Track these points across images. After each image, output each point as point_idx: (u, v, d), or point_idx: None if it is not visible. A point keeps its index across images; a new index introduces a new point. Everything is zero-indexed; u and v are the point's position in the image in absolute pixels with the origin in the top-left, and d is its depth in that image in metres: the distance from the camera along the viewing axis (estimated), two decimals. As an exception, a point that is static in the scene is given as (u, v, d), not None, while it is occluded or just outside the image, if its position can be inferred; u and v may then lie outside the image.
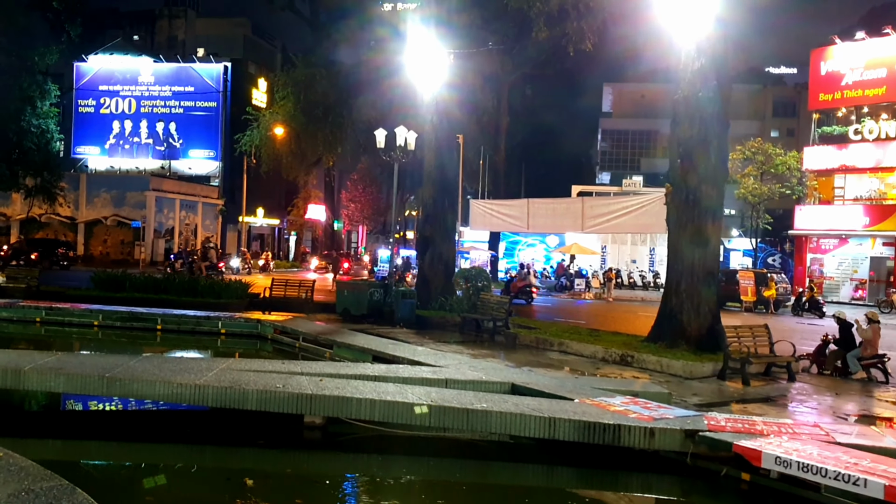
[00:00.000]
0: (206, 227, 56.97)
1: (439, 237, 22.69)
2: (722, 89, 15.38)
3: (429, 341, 16.85)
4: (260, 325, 17.94)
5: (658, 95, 69.87)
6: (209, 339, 17.94)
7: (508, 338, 17.83)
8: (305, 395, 9.05)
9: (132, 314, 18.60)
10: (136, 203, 49.63)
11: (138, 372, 9.69)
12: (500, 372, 11.70)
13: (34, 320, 18.84)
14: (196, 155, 58.43)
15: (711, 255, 15.51)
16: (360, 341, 14.97)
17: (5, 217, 50.24)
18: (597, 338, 16.94)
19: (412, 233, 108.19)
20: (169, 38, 65.79)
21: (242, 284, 23.65)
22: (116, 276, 23.98)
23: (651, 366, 14.19)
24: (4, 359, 10.10)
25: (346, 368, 11.04)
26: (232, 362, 10.98)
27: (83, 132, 58.91)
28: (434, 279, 22.56)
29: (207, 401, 9.16)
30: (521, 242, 46.50)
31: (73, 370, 9.58)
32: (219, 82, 58.29)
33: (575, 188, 52.74)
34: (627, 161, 70.81)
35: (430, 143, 22.57)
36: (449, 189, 23.02)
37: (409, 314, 20.03)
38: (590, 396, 9.88)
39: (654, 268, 45.88)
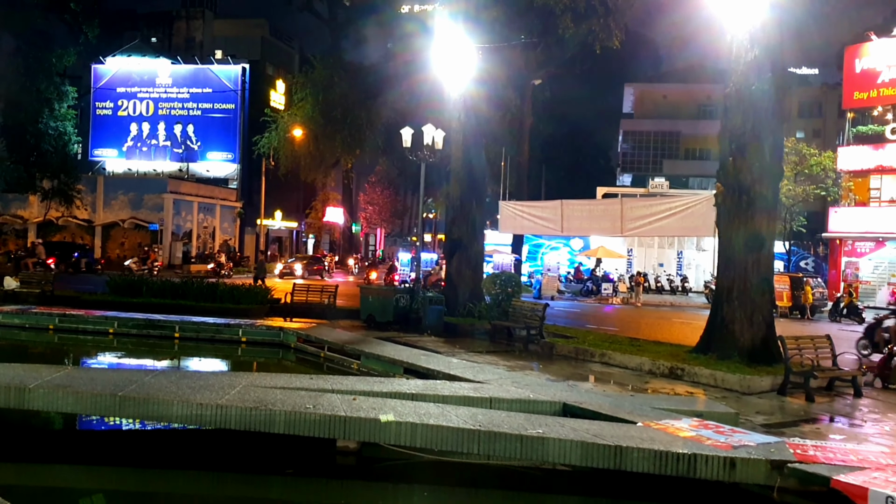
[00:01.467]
0: (224, 230, 56.33)
1: (467, 240, 21.71)
2: (777, 81, 14.34)
3: (460, 351, 15.91)
4: (282, 334, 17.04)
5: (680, 96, 68.80)
6: (229, 348, 17.06)
7: (544, 347, 16.84)
8: (338, 417, 8.12)
9: (149, 321, 17.76)
10: (154, 206, 49.01)
11: (154, 390, 8.80)
12: (547, 389, 10.71)
13: (47, 327, 18.04)
14: (214, 157, 57.82)
15: (766, 260, 14.46)
16: (390, 352, 14.02)
17: (22, 220, 49.78)
18: (639, 348, 15.92)
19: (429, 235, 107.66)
20: (187, 39, 65.32)
21: (263, 290, 22.82)
22: (133, 281, 23.23)
23: (704, 380, 13.16)
24: (8, 374, 9.25)
25: (379, 385, 10.10)
26: (255, 377, 10.07)
27: (101, 134, 58.46)
28: (461, 284, 21.58)
29: (230, 423, 8.25)
30: (544, 245, 45.48)
31: (82, 388, 8.70)
32: (237, 84, 57.66)
33: (600, 190, 51.67)
34: (649, 163, 69.56)
35: (458, 141, 21.62)
36: (477, 190, 22.05)
37: (437, 321, 19.11)
38: (652, 418, 8.88)
39: (682, 272, 44.75)
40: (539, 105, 55.37)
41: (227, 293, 22.40)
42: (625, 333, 20.09)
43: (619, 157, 74.53)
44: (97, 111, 58.54)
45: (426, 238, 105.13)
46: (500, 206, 21.81)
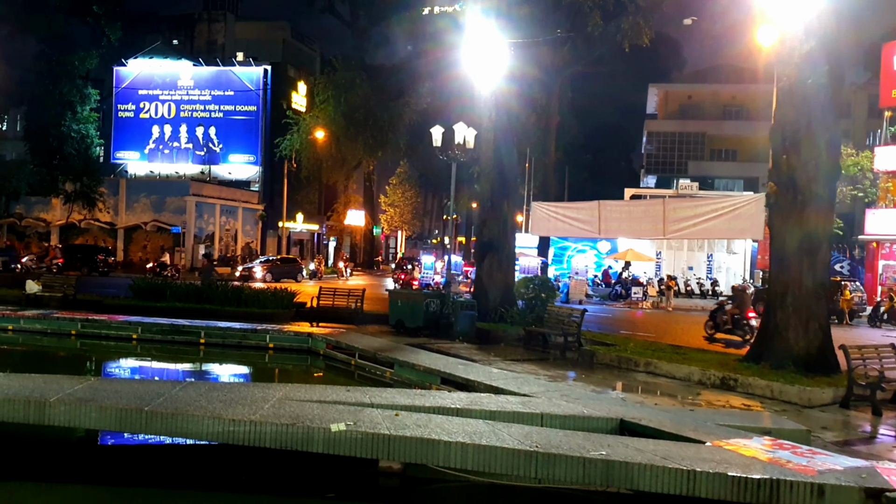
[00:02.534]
0: (246, 233, 56.01)
1: (498, 242, 21.05)
2: (834, 74, 13.54)
3: (495, 359, 15.23)
4: (311, 340, 16.43)
5: (705, 96, 67.75)
6: (256, 355, 16.48)
7: (583, 355, 16.12)
8: (381, 435, 7.46)
9: (173, 326, 17.23)
10: (176, 208, 48.75)
11: (183, 404, 8.20)
12: (599, 403, 10.01)
13: (69, 333, 17.56)
14: (236, 159, 57.54)
15: (821, 264, 13.66)
16: (425, 360, 13.36)
17: (45, 223, 49.70)
18: (685, 356, 15.16)
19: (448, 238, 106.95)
20: (208, 42, 65.15)
21: (288, 294, 22.25)
22: (156, 285, 22.77)
23: (759, 391, 12.39)
24: (28, 386, 8.69)
25: (421, 398, 9.44)
26: (289, 390, 9.44)
27: (123, 137, 58.35)
28: (492, 288, 20.92)
29: (265, 441, 7.63)
30: (570, 248, 44.66)
31: (106, 401, 8.12)
32: (258, 86, 57.37)
33: (628, 191, 50.80)
34: (674, 164, 68.50)
35: (488, 139, 20.96)
36: (508, 190, 21.39)
37: (469, 327, 18.44)
38: (720, 437, 8.15)
39: (712, 275, 43.76)
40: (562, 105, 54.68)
41: (251, 297, 21.87)
42: (661, 339, 19.33)
43: (644, 159, 73.56)
44: (119, 114, 58.45)
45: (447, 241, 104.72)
46: (532, 207, 21.13)
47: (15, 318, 18.02)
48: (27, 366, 15.58)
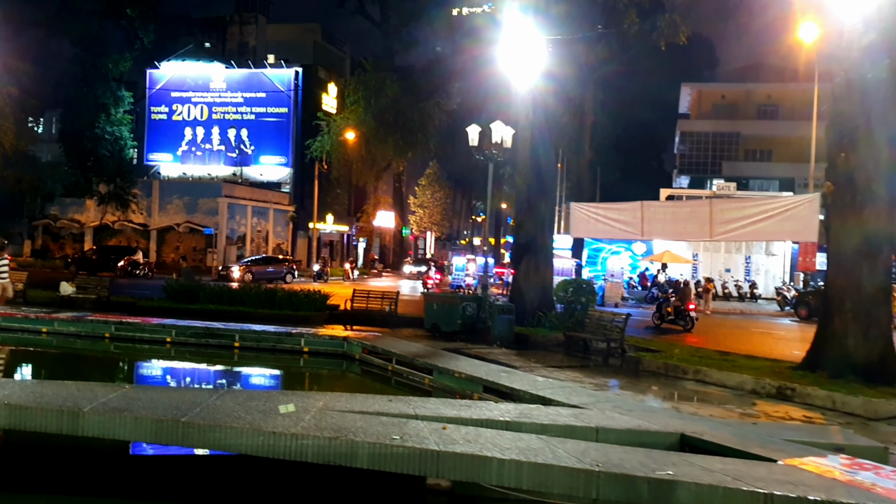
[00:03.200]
0: (277, 234, 56.00)
1: (535, 244, 20.55)
2: (895, 67, 12.87)
3: (536, 365, 14.74)
4: (346, 344, 16.05)
5: (739, 96, 66.56)
6: (291, 359, 16.14)
7: (628, 362, 15.58)
8: (430, 451, 7.02)
9: (207, 330, 16.95)
10: (209, 210, 48.83)
11: (221, 414, 7.82)
12: (655, 415, 9.48)
13: (103, 336, 17.36)
14: (267, 161, 57.58)
15: (883, 268, 12.98)
16: (465, 367, 12.90)
17: (79, 224, 50.06)
18: (734, 364, 14.55)
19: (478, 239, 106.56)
20: (240, 44, 65.29)
21: (322, 296, 21.94)
22: (190, 287, 22.58)
23: (819, 402, 11.76)
24: (62, 394, 8.37)
25: (467, 410, 8.98)
26: (330, 399, 9.04)
27: (156, 139, 58.67)
28: (529, 292, 20.42)
29: (307, 455, 7.22)
30: (604, 249, 43.96)
31: (142, 412, 7.77)
32: (289, 88, 57.39)
33: (663, 192, 49.97)
34: (708, 165, 67.41)
35: (525, 138, 20.49)
36: (545, 190, 20.89)
37: (507, 332, 17.95)
38: (791, 454, 7.60)
39: (750, 277, 42.81)
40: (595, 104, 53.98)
41: (285, 299, 21.61)
42: (704, 345, 18.71)
43: (676, 159, 72.48)
44: (152, 116, 58.78)
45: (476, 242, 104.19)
46: (571, 209, 20.59)
47: (49, 320, 17.87)
48: (61, 370, 15.49)
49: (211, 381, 14.61)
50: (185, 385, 14.05)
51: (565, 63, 22.84)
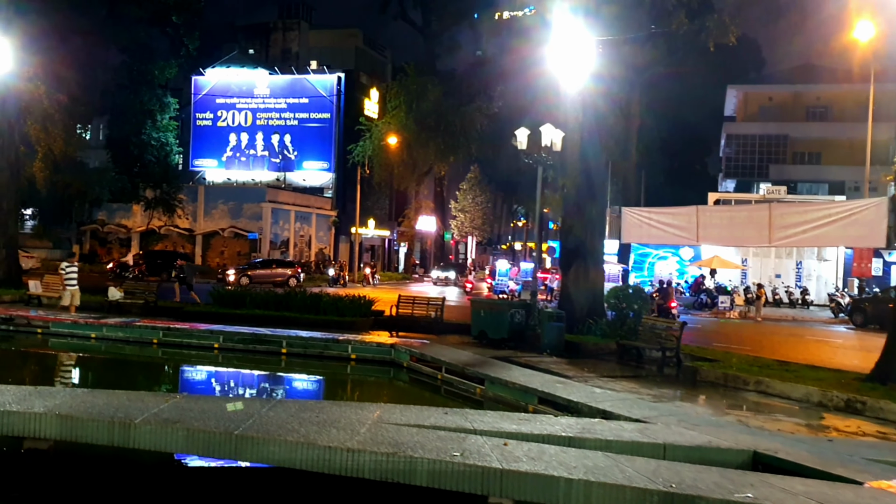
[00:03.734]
0: (319, 239, 56.23)
1: (584, 250, 20.09)
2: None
3: (590, 375, 14.30)
4: (394, 351, 15.79)
5: (787, 98, 65.03)
6: (338, 366, 15.93)
7: (684, 372, 15.06)
8: (493, 469, 6.69)
9: (255, 336, 16.85)
10: (253, 215, 49.18)
11: (274, 427, 7.59)
12: (723, 431, 9.03)
13: (151, 341, 17.36)
14: (310, 166, 57.89)
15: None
16: (519, 377, 12.54)
17: (126, 229, 50.77)
18: (797, 375, 13.95)
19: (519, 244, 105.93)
20: (283, 50, 65.86)
21: (367, 301, 21.75)
22: (235, 292, 22.59)
23: (893, 416, 11.15)
24: (112, 404, 8.21)
25: (527, 424, 8.63)
26: (384, 411, 8.76)
27: (201, 145, 59.38)
28: (579, 298, 19.95)
29: (363, 471, 6.94)
30: (651, 255, 43.21)
31: (194, 423, 7.57)
32: (332, 93, 57.66)
33: (711, 196, 48.92)
34: (754, 168, 65.99)
35: (573, 141, 20.06)
36: (595, 194, 20.43)
37: (557, 340, 17.49)
38: (876, 475, 7.12)
39: (801, 283, 41.68)
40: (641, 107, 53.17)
41: (330, 305, 21.47)
42: (760, 353, 18.08)
43: (722, 162, 71.18)
44: (197, 122, 59.50)
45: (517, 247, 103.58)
46: (622, 213, 20.10)
47: (98, 325, 17.94)
48: (110, 376, 15.48)
49: (261, 390, 14.44)
50: (235, 394, 13.89)
51: (614, 65, 22.39)
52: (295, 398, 13.43)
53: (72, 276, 20.00)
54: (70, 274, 19.99)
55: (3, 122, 25.77)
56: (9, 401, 8.07)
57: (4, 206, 25.96)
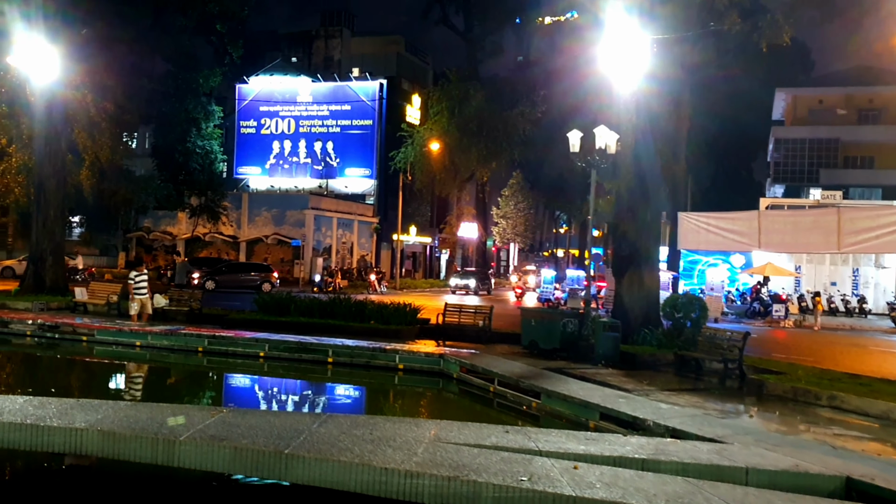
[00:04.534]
0: (361, 246, 56.06)
1: (639, 256, 19.35)
2: None
3: (650, 388, 13.61)
4: (443, 361, 15.28)
5: (838, 101, 63.14)
6: (385, 376, 15.48)
7: (749, 385, 14.29)
8: (565, 497, 6.12)
9: (301, 344, 16.47)
10: (296, 221, 49.17)
11: (326, 445, 7.12)
12: (808, 452, 8.31)
13: (196, 349, 17.10)
14: (352, 173, 57.82)
15: None
16: (578, 391, 11.92)
17: (172, 236, 51.12)
18: (871, 388, 13.11)
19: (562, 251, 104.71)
20: (325, 58, 65.99)
21: (412, 309, 21.27)
22: (281, 299, 22.27)
23: None
24: (157, 418, 7.82)
25: (595, 444, 8.03)
26: (441, 428, 8.23)
27: (244, 152, 59.70)
28: (633, 307, 19.21)
29: (423, 496, 6.43)
30: (701, 262, 42.09)
31: (241, 440, 7.13)
32: (374, 100, 57.51)
33: (763, 201, 47.61)
34: (804, 172, 64.22)
35: (627, 143, 19.38)
36: (650, 200, 19.70)
37: (612, 350, 16.82)
38: None
39: (858, 291, 40.16)
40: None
41: (375, 312, 21.03)
42: (823, 364, 17.18)
43: (771, 167, 69.52)
44: (241, 130, 59.84)
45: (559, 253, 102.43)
46: (679, 219, 19.34)
47: (143, 333, 17.76)
48: (154, 386, 15.21)
49: (308, 402, 14.03)
50: (283, 406, 13.48)
51: (668, 65, 21.70)
52: (344, 411, 12.99)
53: (141, 285, 19.84)
54: (139, 283, 19.83)
55: (50, 130, 25.88)
56: (51, 414, 7.73)
57: (51, 213, 26.05)
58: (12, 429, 7.26)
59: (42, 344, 18.61)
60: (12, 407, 7.93)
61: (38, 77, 24.52)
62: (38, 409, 7.92)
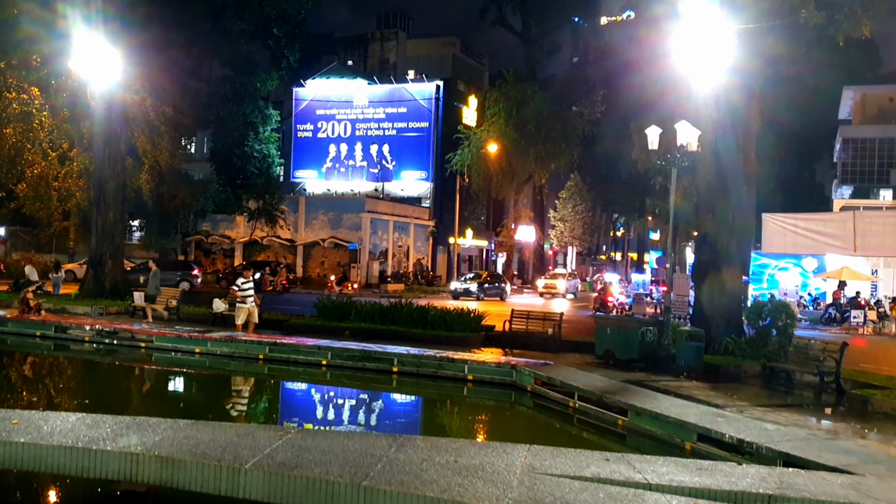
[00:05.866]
0: (417, 249, 55.44)
1: (720, 260, 18.16)
2: None
3: (742, 403, 12.47)
4: (516, 373, 14.35)
5: (911, 98, 60.43)
6: (454, 387, 14.63)
7: (849, 401, 13.06)
8: (694, 545, 5.17)
9: (365, 353, 15.73)
10: (352, 225, 48.79)
11: (408, 476, 6.29)
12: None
13: (256, 357, 16.50)
14: (408, 176, 57.27)
15: None
16: (670, 408, 10.88)
17: (230, 240, 51.25)
18: None
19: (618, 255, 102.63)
20: (381, 60, 65.72)
21: (476, 316, 20.39)
22: (341, 304, 21.61)
23: None
24: (220, 440, 7.09)
25: (710, 475, 7.02)
26: (532, 455, 7.33)
27: (301, 156, 59.67)
28: (715, 314, 18.02)
29: (524, 541, 5.55)
30: (770, 265, 40.28)
31: (314, 470, 6.34)
32: (430, 102, 56.91)
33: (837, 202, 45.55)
34: (874, 173, 61.47)
35: (706, 142, 18.22)
36: (729, 195, 18.50)
37: (695, 361, 15.72)
38: None
39: (939, 295, 37.84)
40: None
41: (438, 318, 20.21)
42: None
43: (838, 168, 66.89)
44: (298, 133, 59.83)
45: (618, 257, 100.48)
46: (763, 220, 18.11)
47: (202, 339, 17.22)
48: (215, 397, 14.53)
49: (379, 417, 13.16)
50: (353, 421, 12.63)
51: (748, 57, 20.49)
52: (418, 430, 12.15)
53: (248, 292, 18.27)
54: (245, 290, 18.24)
55: (109, 132, 25.76)
56: (104, 435, 7.06)
57: (111, 215, 25.88)
58: (63, 452, 6.61)
59: (100, 350, 18.26)
60: (63, 426, 7.29)
61: (98, 79, 24.42)
62: (91, 428, 7.27)
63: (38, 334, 19.14)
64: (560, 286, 46.52)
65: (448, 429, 12.31)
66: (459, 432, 11.75)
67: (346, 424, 12.07)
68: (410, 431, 11.84)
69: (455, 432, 11.73)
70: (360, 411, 13.71)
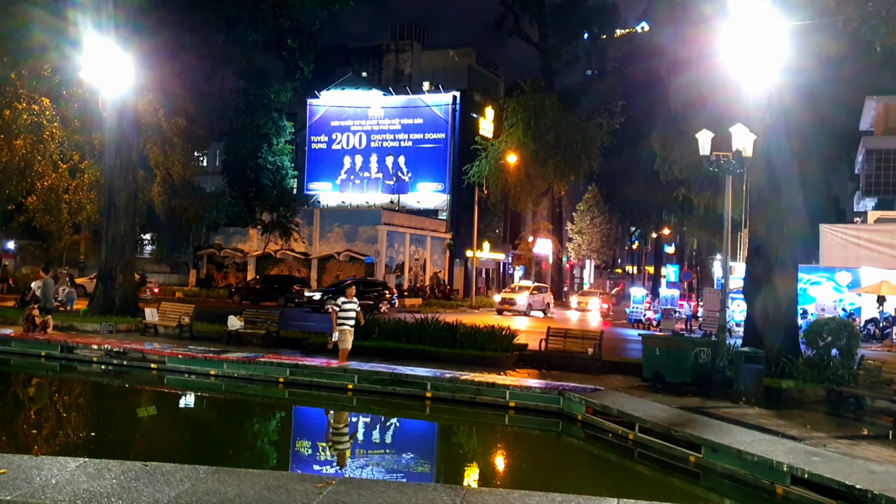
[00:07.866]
0: (434, 262, 54.21)
1: (776, 274, 16.84)
2: None
3: (818, 434, 11.15)
4: (563, 400, 13.03)
5: (937, 107, 58.96)
6: (494, 416, 13.32)
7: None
8: None
9: (394, 376, 14.46)
10: (368, 238, 47.64)
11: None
12: None
13: (276, 380, 15.25)
14: (424, 188, 56.14)
15: None
16: (752, 444, 9.54)
17: (243, 253, 50.18)
18: None
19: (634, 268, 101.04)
20: (396, 71, 64.86)
21: (509, 334, 19.09)
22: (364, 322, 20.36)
23: None
24: (248, 496, 5.82)
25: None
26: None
27: (315, 168, 58.68)
28: (768, 332, 16.67)
29: None
30: (802, 279, 38.80)
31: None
32: (447, 113, 55.85)
33: (871, 214, 44.04)
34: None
35: (759, 147, 16.96)
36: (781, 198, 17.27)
37: (755, 385, 14.38)
38: None
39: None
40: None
41: (467, 337, 18.92)
42: None
43: (861, 179, 65.25)
44: (312, 145, 58.88)
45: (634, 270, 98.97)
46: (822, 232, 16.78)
47: (218, 361, 15.99)
48: (237, 431, 13.03)
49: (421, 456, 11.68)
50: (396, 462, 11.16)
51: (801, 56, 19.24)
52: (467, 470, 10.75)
53: (349, 314, 15.71)
54: (346, 311, 15.67)
55: (121, 140, 24.70)
56: (110, 489, 5.82)
57: (122, 228, 24.74)
58: (57, 515, 5.37)
59: (109, 372, 17.01)
60: (61, 477, 6.06)
61: (110, 86, 23.45)
62: (93, 479, 6.04)
63: (44, 354, 17.96)
64: (520, 301, 39.88)
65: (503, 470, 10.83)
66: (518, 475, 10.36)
67: (388, 465, 10.63)
68: (459, 473, 10.50)
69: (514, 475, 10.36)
70: (399, 448, 12.20)
